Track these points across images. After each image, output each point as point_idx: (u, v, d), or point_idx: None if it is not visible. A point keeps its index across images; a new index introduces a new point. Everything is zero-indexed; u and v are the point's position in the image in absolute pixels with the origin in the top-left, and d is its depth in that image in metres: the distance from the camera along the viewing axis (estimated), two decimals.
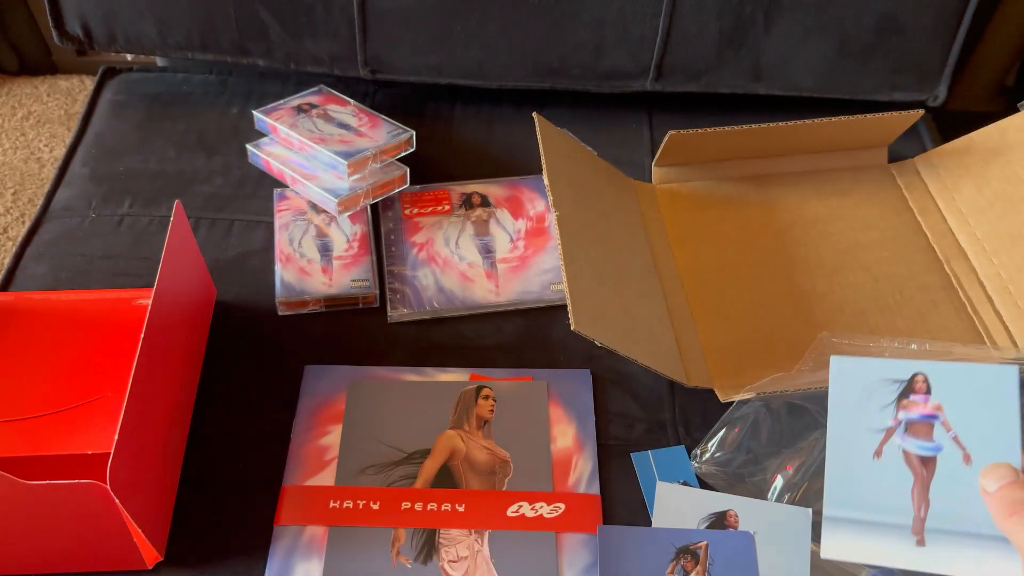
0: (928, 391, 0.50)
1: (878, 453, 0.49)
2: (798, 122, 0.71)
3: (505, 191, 0.78)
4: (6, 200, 1.21)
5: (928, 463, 0.48)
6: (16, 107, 1.36)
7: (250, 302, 0.70)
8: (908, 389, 0.50)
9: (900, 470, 0.48)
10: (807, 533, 0.56)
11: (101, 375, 0.62)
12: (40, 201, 0.80)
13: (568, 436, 0.62)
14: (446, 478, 0.59)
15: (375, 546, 0.56)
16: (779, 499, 0.58)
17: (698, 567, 0.54)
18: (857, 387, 0.51)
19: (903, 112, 0.72)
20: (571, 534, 0.57)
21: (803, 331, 0.67)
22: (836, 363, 0.52)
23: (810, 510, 0.57)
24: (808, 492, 0.58)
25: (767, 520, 0.57)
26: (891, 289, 0.69)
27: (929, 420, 0.49)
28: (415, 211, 0.76)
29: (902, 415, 0.49)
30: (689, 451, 0.61)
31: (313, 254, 0.72)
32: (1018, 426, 0.47)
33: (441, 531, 0.57)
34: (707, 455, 0.60)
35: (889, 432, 0.49)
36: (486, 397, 0.63)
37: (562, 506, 0.58)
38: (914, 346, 0.56)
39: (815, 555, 0.55)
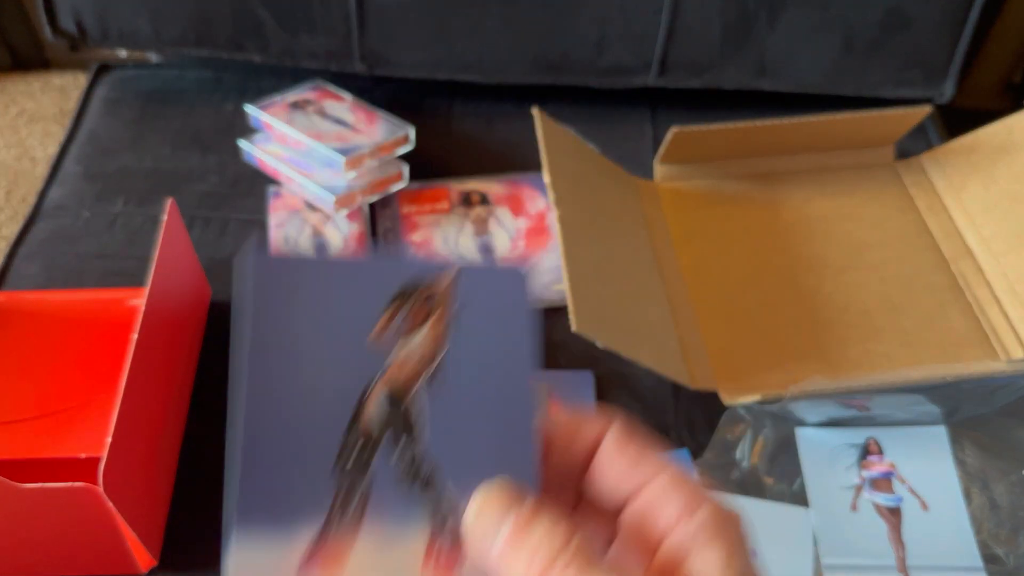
0: (881, 451, 0.60)
1: (854, 507, 0.58)
2: (803, 119, 0.70)
3: (505, 189, 0.77)
4: None
5: (895, 512, 0.57)
6: (9, 104, 1.35)
7: None
8: (865, 451, 0.60)
9: (875, 520, 0.57)
10: (808, 532, 0.56)
11: (94, 377, 0.61)
12: (33, 200, 0.79)
13: None
14: None
15: None
16: None
17: (432, 318, 0.28)
18: (823, 452, 0.60)
19: (910, 109, 0.71)
20: None
21: (809, 331, 0.66)
22: (799, 432, 0.60)
23: (810, 509, 0.57)
24: None
25: (768, 520, 0.57)
26: (897, 289, 0.68)
27: (887, 476, 0.59)
28: (413, 209, 0.75)
29: (865, 474, 0.59)
30: (692, 454, 0.60)
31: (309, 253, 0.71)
32: (956, 477, 0.58)
33: None
34: (707, 464, 0.59)
35: (858, 489, 0.58)
36: None
37: None
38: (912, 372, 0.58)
39: (816, 557, 0.56)
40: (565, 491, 0.28)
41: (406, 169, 0.75)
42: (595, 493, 0.27)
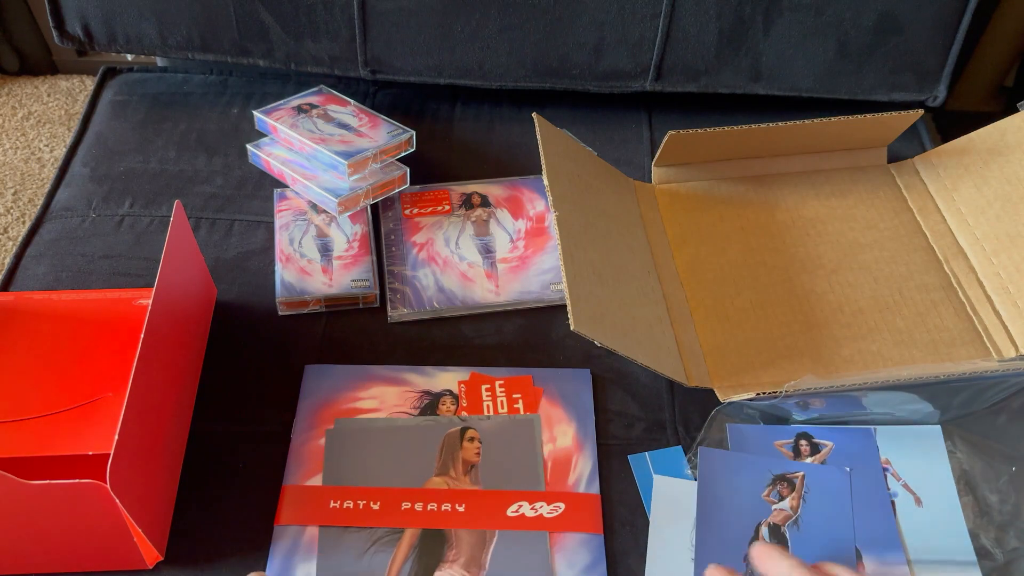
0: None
1: None
2: (797, 122, 0.71)
3: (505, 191, 0.78)
4: (6, 200, 1.21)
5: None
6: (17, 107, 1.36)
7: (250, 302, 0.70)
8: None
9: None
10: None
11: (101, 375, 0.62)
12: (41, 201, 0.80)
13: (568, 436, 0.62)
14: (434, 533, 0.56)
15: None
16: None
17: (793, 493, 0.57)
18: None
19: (902, 112, 0.72)
20: (570, 533, 0.57)
21: (802, 331, 0.67)
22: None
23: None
24: None
25: None
26: (890, 289, 0.69)
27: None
28: (415, 211, 0.76)
29: None
30: (687, 451, 0.61)
31: (313, 254, 0.72)
32: (950, 473, 0.59)
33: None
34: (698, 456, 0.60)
35: None
36: (471, 439, 0.61)
37: (562, 506, 0.58)
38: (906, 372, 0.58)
39: None
40: None
41: (408, 172, 0.76)
42: None
